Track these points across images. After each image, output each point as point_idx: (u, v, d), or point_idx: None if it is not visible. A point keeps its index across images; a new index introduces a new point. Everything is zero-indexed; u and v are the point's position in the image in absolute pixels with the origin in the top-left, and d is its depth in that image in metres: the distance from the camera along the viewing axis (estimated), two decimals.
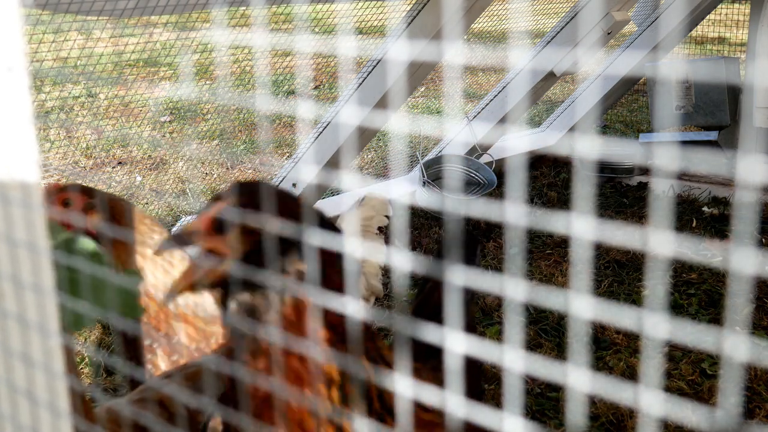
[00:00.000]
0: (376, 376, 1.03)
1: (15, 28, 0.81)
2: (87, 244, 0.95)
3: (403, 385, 0.76)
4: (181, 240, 0.95)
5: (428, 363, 1.29)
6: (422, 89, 6.70)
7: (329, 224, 1.04)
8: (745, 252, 0.56)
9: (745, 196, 4.01)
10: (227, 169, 4.78)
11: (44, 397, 0.85)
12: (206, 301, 1.67)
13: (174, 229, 1.51)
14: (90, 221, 1.64)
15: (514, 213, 0.64)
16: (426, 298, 1.56)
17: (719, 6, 5.26)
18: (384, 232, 2.54)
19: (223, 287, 0.96)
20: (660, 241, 0.59)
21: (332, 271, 0.99)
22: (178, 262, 1.68)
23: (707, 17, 5.16)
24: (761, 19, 4.17)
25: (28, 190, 0.83)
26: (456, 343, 0.68)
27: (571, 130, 4.94)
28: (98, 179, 4.47)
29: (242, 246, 0.95)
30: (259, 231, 0.94)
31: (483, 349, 0.67)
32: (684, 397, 2.52)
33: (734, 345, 0.57)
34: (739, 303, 2.90)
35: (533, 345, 2.87)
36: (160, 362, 1.67)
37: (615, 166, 4.71)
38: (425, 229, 3.96)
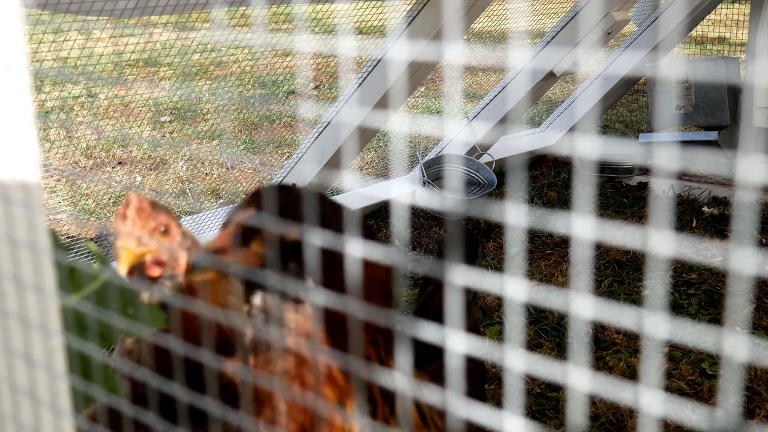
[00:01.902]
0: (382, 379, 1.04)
1: (15, 28, 0.81)
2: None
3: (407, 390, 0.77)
4: (209, 258, 0.95)
5: (429, 368, 1.30)
6: (422, 89, 6.70)
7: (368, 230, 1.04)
8: (745, 252, 0.56)
9: (745, 196, 4.02)
10: (227, 169, 4.78)
11: (46, 396, 0.86)
12: None
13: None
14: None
15: (514, 213, 0.64)
16: (427, 301, 1.56)
17: (719, 6, 5.26)
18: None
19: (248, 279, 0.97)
20: (660, 241, 0.59)
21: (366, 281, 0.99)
22: None
23: (707, 17, 5.16)
24: (761, 19, 4.17)
25: (29, 190, 0.84)
26: (457, 346, 0.68)
27: (571, 130, 4.94)
28: (98, 179, 4.47)
29: (260, 256, 0.95)
30: (284, 241, 0.95)
31: (483, 351, 0.67)
32: (684, 397, 2.52)
33: (734, 345, 0.57)
34: (739, 303, 2.90)
35: (533, 345, 2.87)
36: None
37: (615, 166, 4.71)
38: (425, 229, 3.96)
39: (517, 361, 0.66)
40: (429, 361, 1.32)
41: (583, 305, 0.61)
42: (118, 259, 1.25)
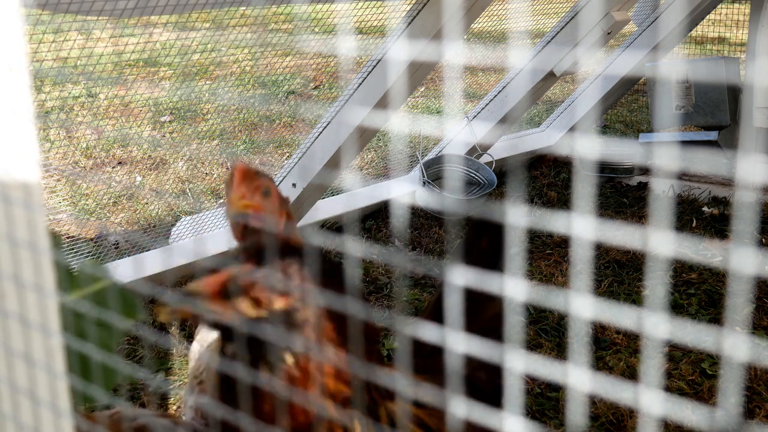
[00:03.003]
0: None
1: (15, 28, 0.81)
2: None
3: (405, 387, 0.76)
4: (187, 300, 0.94)
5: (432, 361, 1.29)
6: (422, 89, 6.70)
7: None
8: (745, 252, 0.56)
9: (745, 196, 4.01)
10: (227, 169, 4.78)
11: (46, 396, 0.86)
12: None
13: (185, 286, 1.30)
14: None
15: (514, 213, 0.64)
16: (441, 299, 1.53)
17: (719, 6, 5.26)
18: None
19: (224, 335, 0.97)
20: (660, 241, 0.59)
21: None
22: None
23: (707, 17, 5.16)
24: (761, 19, 4.17)
25: (29, 190, 0.83)
26: (457, 344, 0.68)
27: (571, 130, 4.94)
28: (98, 179, 4.47)
29: (249, 314, 0.95)
30: (267, 303, 0.95)
31: (486, 350, 0.67)
32: (684, 397, 2.52)
33: (734, 345, 0.57)
34: (739, 303, 2.90)
35: (533, 345, 2.87)
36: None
37: (615, 166, 4.71)
38: (425, 229, 3.96)
39: (517, 361, 0.66)
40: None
41: (583, 305, 0.61)
42: (226, 210, 1.46)
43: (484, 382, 1.37)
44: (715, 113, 4.33)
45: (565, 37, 3.92)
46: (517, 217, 0.64)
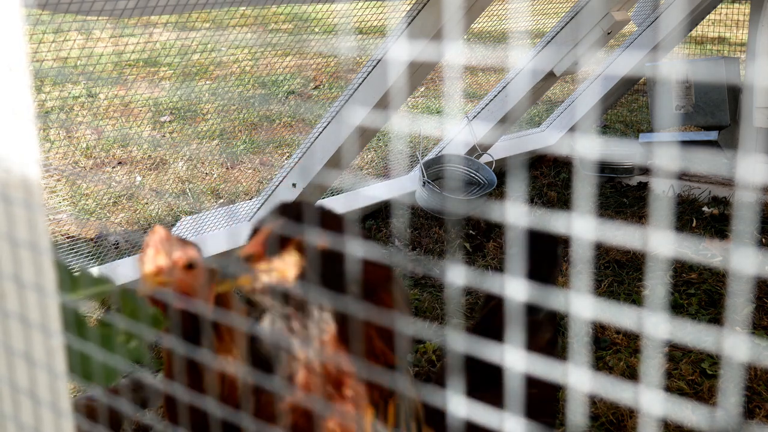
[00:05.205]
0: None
1: (15, 28, 0.81)
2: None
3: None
4: (240, 264, 0.96)
5: (488, 394, 1.25)
6: (422, 89, 6.70)
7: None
8: (745, 252, 0.56)
9: (745, 196, 4.01)
10: (227, 169, 4.78)
11: (46, 396, 0.86)
12: None
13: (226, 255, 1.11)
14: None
15: (514, 213, 0.64)
16: (489, 317, 1.50)
17: (719, 6, 5.26)
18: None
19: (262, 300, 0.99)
20: (660, 241, 0.59)
21: (383, 292, 1.01)
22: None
23: (707, 17, 5.16)
24: (761, 19, 4.17)
25: (30, 189, 0.84)
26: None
27: (571, 130, 4.94)
28: (98, 179, 4.47)
29: (296, 267, 0.98)
30: (308, 251, 0.97)
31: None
32: (684, 397, 2.52)
33: (734, 345, 0.57)
34: (739, 303, 2.90)
35: None
36: None
37: (615, 166, 4.71)
38: (425, 229, 3.96)
39: (517, 361, 0.66)
40: (488, 386, 1.26)
41: (583, 305, 0.61)
42: (140, 285, 1.24)
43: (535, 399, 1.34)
44: (715, 113, 4.33)
45: (565, 37, 3.92)
46: (517, 217, 0.64)
